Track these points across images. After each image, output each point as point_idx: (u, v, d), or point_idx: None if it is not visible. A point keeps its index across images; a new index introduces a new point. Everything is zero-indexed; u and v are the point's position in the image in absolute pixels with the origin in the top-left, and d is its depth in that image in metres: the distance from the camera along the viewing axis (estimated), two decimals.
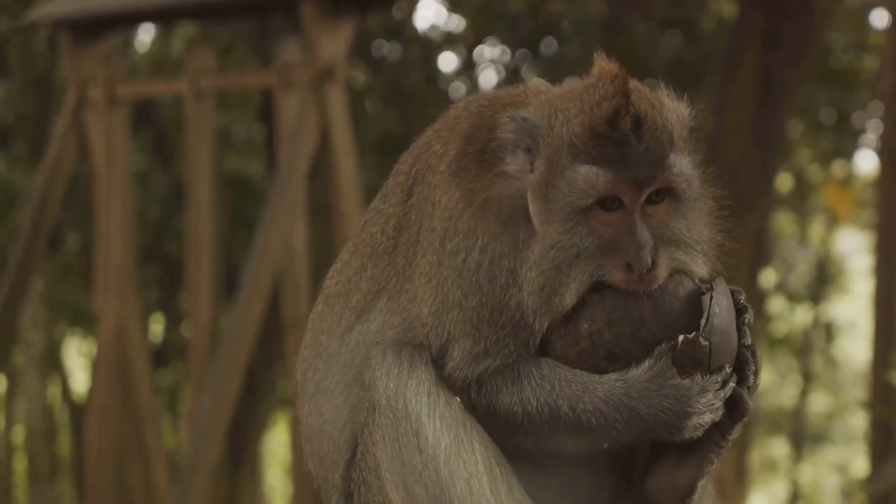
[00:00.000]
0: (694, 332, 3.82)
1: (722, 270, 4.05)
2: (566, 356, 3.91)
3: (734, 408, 3.89)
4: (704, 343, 3.82)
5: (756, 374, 3.94)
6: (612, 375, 3.84)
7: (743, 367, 3.92)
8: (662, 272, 3.87)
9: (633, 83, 3.91)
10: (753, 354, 3.93)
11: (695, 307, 3.89)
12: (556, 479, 4.02)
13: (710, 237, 4.02)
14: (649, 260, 3.82)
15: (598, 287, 3.88)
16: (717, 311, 3.85)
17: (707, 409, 3.84)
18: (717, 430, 3.90)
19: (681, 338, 3.82)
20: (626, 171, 3.81)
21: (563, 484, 4.03)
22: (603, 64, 3.94)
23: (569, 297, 3.87)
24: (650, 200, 3.87)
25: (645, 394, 3.83)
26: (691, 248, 3.94)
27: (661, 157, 3.84)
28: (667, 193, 3.89)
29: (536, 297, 3.88)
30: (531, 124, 3.91)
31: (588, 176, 3.82)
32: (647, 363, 3.83)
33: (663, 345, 3.83)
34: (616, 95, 3.84)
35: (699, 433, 3.86)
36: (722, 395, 3.85)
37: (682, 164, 3.88)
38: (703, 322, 3.84)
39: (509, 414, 3.91)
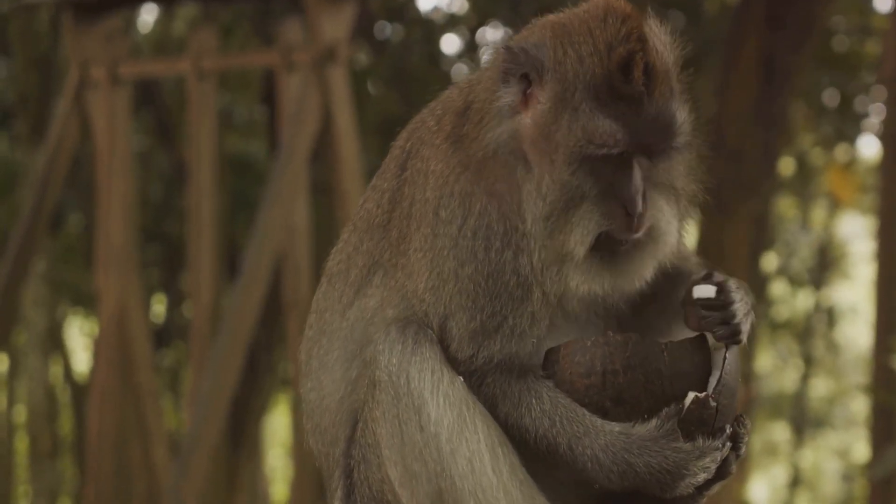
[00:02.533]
0: (705, 393, 3.86)
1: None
2: (573, 385, 3.91)
3: (719, 470, 3.93)
4: (713, 404, 3.86)
5: (746, 442, 3.99)
6: (616, 427, 3.86)
7: (737, 434, 3.97)
8: (647, 220, 3.91)
9: (638, 16, 3.93)
10: (745, 424, 3.98)
11: (707, 362, 3.93)
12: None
13: (686, 184, 4.07)
14: (641, 205, 3.85)
15: (617, 336, 3.91)
16: (729, 369, 3.91)
17: (702, 470, 3.87)
18: (697, 487, 3.93)
19: (690, 396, 3.86)
20: (641, 134, 3.86)
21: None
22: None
23: (573, 241, 3.87)
24: None
25: (645, 452, 3.85)
26: (669, 191, 3.99)
27: (671, 123, 3.90)
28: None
29: (542, 226, 3.88)
30: (533, 56, 3.91)
31: (608, 131, 3.84)
32: (654, 423, 3.85)
33: (672, 406, 3.86)
34: (630, 38, 3.87)
35: (689, 491, 3.89)
36: (719, 457, 3.89)
37: (685, 123, 3.94)
38: (714, 382, 3.89)
39: (505, 432, 3.93)
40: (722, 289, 3.98)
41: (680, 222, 4.06)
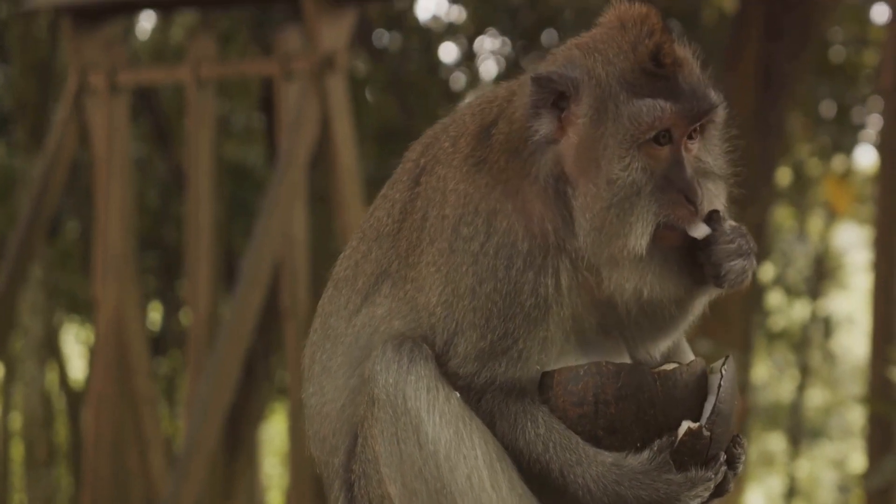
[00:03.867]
0: (698, 424, 3.85)
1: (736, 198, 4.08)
2: (566, 412, 3.90)
3: (717, 487, 3.92)
4: (707, 434, 3.84)
5: (743, 461, 3.98)
6: (609, 458, 3.86)
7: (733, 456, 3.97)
8: (706, 207, 3.92)
9: (655, 14, 3.99)
10: (741, 443, 3.97)
11: (702, 387, 3.92)
12: None
13: (725, 166, 4.09)
14: (700, 190, 3.89)
15: (613, 366, 3.89)
16: (724, 396, 3.89)
17: (693, 499, 3.86)
18: None
19: (684, 427, 3.84)
20: (682, 104, 3.89)
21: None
22: (625, 8, 3.99)
23: (634, 239, 3.86)
24: (689, 136, 3.95)
25: (636, 486, 3.84)
26: (715, 178, 4.01)
27: (705, 92, 3.94)
28: (703, 129, 3.98)
29: (597, 237, 3.87)
30: (567, 76, 3.92)
31: (653, 108, 3.87)
32: (646, 454, 3.85)
33: (665, 438, 3.85)
34: (654, 33, 3.92)
35: None
36: (712, 486, 3.88)
37: (718, 96, 3.99)
38: (708, 410, 3.88)
39: (503, 447, 3.94)
40: (714, 229, 3.95)
41: (727, 208, 4.07)
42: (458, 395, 3.91)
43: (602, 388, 3.85)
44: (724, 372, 3.91)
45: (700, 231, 3.92)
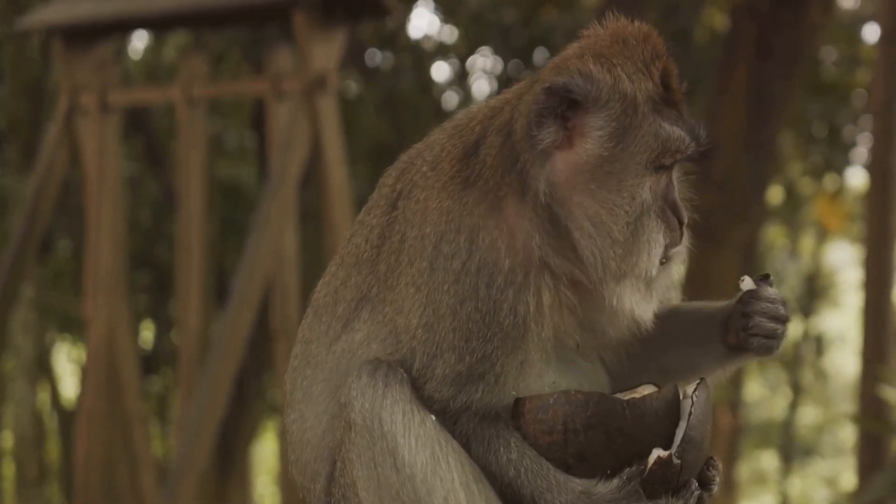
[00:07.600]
0: (668, 452, 3.85)
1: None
2: (536, 440, 3.90)
3: None
4: (677, 462, 3.84)
5: (717, 483, 3.99)
6: (579, 486, 3.85)
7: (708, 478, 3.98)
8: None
9: (655, 34, 4.00)
10: (715, 465, 3.98)
11: (673, 413, 3.92)
12: None
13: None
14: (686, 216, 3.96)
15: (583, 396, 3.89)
16: (695, 423, 3.89)
17: None
18: None
19: (654, 455, 3.84)
20: (694, 135, 3.95)
21: None
22: (623, 23, 3.98)
23: (647, 258, 3.90)
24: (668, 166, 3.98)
25: None
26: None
27: (699, 125, 3.98)
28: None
29: (608, 252, 3.88)
30: (583, 87, 3.88)
31: (680, 137, 3.91)
32: (615, 482, 3.84)
33: (635, 467, 3.84)
34: (660, 55, 3.93)
35: None
36: None
37: (714, 141, 4.03)
38: (678, 437, 3.88)
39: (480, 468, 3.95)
40: (758, 286, 4.05)
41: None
42: (434, 417, 3.90)
43: (571, 418, 3.84)
44: (694, 398, 3.90)
45: (746, 283, 3.98)
